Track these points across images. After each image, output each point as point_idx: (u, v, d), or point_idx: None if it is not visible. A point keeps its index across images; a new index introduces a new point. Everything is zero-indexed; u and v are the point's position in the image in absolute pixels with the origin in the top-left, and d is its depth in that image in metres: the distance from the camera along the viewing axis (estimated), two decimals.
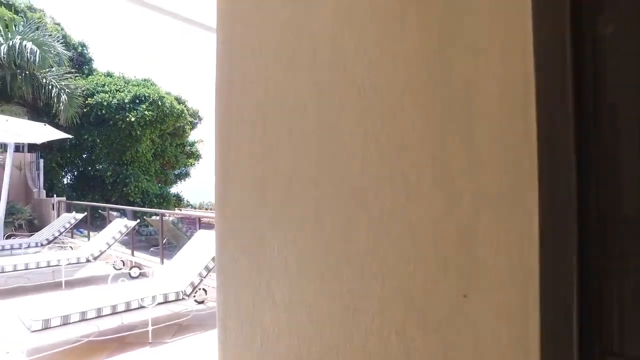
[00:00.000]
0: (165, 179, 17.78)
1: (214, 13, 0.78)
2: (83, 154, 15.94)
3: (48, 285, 6.47)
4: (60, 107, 12.33)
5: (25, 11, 13.89)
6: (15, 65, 11.68)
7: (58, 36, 13.81)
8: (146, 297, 4.31)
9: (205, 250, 4.94)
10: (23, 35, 11.62)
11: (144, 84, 16.25)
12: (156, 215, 9.50)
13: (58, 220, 9.08)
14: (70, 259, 6.57)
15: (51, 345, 4.08)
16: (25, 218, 10.93)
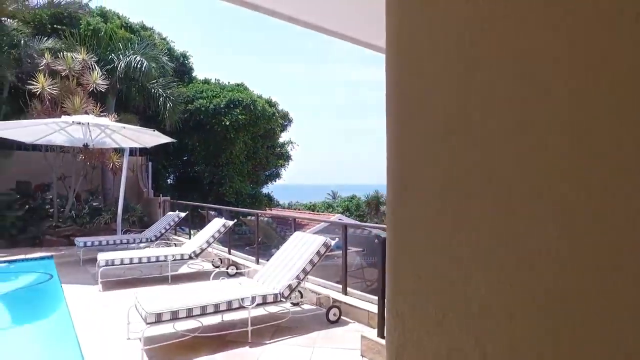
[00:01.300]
0: (257, 179, 18.56)
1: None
2: (184, 157, 17.24)
3: (157, 278, 7.00)
4: (165, 114, 13.41)
5: (139, 30, 15.35)
6: (130, 79, 12.93)
7: (164, 50, 15.07)
8: (246, 297, 4.40)
9: (302, 252, 4.94)
10: (136, 52, 12.83)
11: (238, 89, 17.12)
12: (251, 215, 9.86)
13: (164, 219, 9.83)
14: (175, 255, 7.02)
15: (162, 337, 4.33)
16: (137, 215, 12.04)
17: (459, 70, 0.58)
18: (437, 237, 0.57)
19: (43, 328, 5.74)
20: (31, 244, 10.20)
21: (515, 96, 0.52)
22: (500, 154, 0.52)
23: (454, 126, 0.57)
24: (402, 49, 0.66)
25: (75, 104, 10.58)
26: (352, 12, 2.06)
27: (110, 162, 11.86)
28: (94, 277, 6.87)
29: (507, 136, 0.52)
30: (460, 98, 0.57)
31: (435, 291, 0.56)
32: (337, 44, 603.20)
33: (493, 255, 0.52)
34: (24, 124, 8.61)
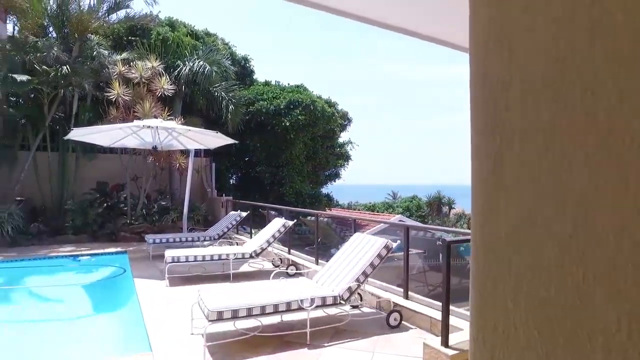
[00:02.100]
0: (317, 179, 18.65)
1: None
2: (245, 158, 17.72)
3: (219, 276, 7.18)
4: (228, 116, 13.85)
5: (203, 37, 16.01)
6: (195, 83, 13.50)
7: (226, 54, 15.58)
8: (305, 298, 4.35)
9: (363, 254, 4.81)
10: (200, 57, 13.37)
11: (297, 90, 17.30)
12: (311, 215, 9.88)
13: (226, 218, 10.13)
14: (237, 254, 7.18)
15: (223, 334, 4.40)
16: (202, 214, 12.54)
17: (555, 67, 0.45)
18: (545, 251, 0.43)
19: (117, 318, 6.09)
20: (108, 239, 10.96)
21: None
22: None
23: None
24: (494, 41, 0.55)
25: (146, 109, 11.21)
26: (427, 9, 1.92)
27: (177, 164, 12.45)
28: (161, 272, 7.20)
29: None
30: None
31: (541, 319, 0.43)
32: (399, 43, 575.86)
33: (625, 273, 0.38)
34: (102, 128, 9.25)
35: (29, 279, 8.20)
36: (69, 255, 9.29)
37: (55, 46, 11.27)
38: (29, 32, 11.71)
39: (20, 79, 10.30)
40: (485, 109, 0.55)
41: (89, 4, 12.40)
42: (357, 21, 1.98)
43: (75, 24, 11.80)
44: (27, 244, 10.22)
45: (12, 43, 11.29)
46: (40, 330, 5.68)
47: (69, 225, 10.92)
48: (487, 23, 0.56)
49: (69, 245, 10.30)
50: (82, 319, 6.14)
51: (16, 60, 10.94)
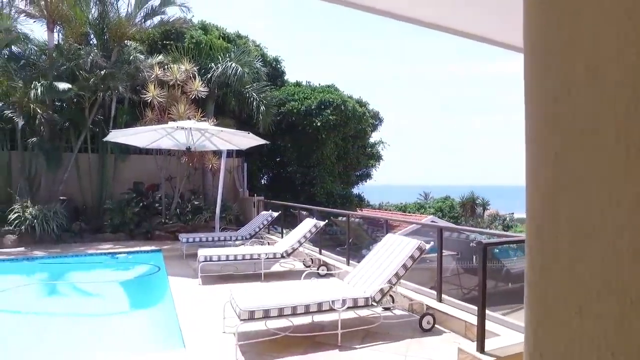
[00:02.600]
0: (348, 179, 18.56)
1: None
2: (277, 158, 17.84)
3: (251, 275, 7.24)
4: (259, 117, 13.98)
5: (235, 39, 16.24)
6: (227, 85, 13.71)
7: (257, 56, 15.74)
8: (336, 299, 4.31)
9: (395, 255, 4.72)
10: (231, 59, 13.57)
11: (328, 90, 17.28)
12: (342, 216, 9.84)
13: (258, 218, 10.22)
14: (268, 254, 7.22)
15: (255, 334, 4.42)
16: (234, 214, 12.71)
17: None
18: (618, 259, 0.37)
19: (151, 315, 6.25)
20: (144, 238, 11.29)
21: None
22: None
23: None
24: (554, 37, 0.50)
25: (180, 111, 11.47)
26: (478, 8, 1.84)
27: (209, 164, 12.68)
28: (194, 271, 7.33)
29: None
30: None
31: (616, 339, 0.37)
32: (434, 41, 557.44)
33: None
34: (138, 130, 9.53)
35: (71, 274, 8.54)
36: (108, 252, 9.62)
37: (95, 52, 11.72)
38: (72, 40, 12.23)
39: (62, 87, 10.75)
40: (545, 107, 0.49)
41: (126, 11, 12.86)
42: (405, 22, 1.92)
43: (114, 31, 12.23)
44: (70, 241, 10.66)
45: (58, 51, 11.81)
46: (81, 323, 5.89)
47: (108, 224, 11.32)
48: (545, 19, 0.51)
49: (108, 243, 10.68)
50: (119, 315, 6.33)
51: (61, 67, 11.43)
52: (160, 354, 4.38)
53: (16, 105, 11.11)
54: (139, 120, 11.74)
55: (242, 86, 13.76)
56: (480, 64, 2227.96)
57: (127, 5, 12.90)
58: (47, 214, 10.40)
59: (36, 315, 6.26)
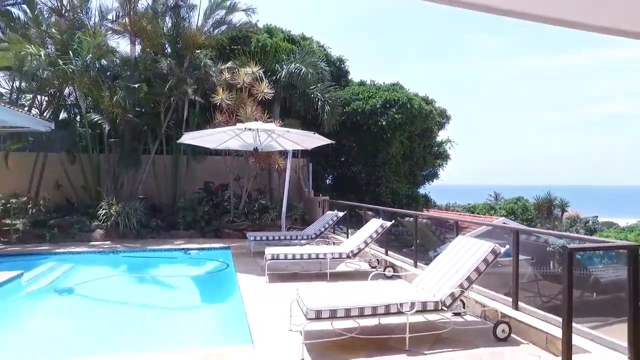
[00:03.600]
0: (414, 179, 18.12)
1: None
2: (341, 158, 17.83)
3: (316, 274, 7.26)
4: (324, 117, 14.05)
5: (299, 41, 16.48)
6: (292, 86, 13.94)
7: (322, 56, 15.83)
8: (405, 302, 4.17)
9: (467, 258, 4.48)
10: (296, 60, 13.77)
11: (393, 88, 16.98)
12: (409, 216, 9.59)
13: (323, 217, 10.25)
14: (334, 254, 7.19)
15: (321, 333, 4.40)
16: (299, 214, 12.88)
17: None
18: None
19: (221, 310, 6.48)
20: (214, 235, 11.79)
21: None
22: None
23: None
24: None
25: (247, 113, 11.84)
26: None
27: (275, 164, 12.95)
28: (261, 269, 7.49)
29: None
30: None
31: None
32: (502, 36, 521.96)
33: None
34: (208, 132, 9.96)
35: (149, 268, 9.12)
36: (181, 248, 10.16)
37: (169, 61, 12.46)
38: (150, 50, 13.11)
39: (135, 86, 11.57)
40: None
41: (197, 21, 13.56)
42: (517, 18, 1.76)
43: (186, 40, 12.93)
44: (148, 236, 11.42)
45: (138, 61, 12.71)
46: (155, 314, 6.25)
47: (181, 221, 11.96)
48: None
49: (181, 239, 11.28)
50: (191, 308, 6.63)
51: (140, 75, 12.30)
52: (230, 349, 4.51)
53: (104, 112, 12.11)
54: (209, 122, 12.28)
55: (307, 87, 13.92)
56: (554, 57, 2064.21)
57: (198, 15, 13.63)
58: (128, 211, 11.23)
59: (117, 305, 6.75)
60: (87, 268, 8.85)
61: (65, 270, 8.54)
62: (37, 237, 10.69)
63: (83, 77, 11.43)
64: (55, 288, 7.46)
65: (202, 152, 13.74)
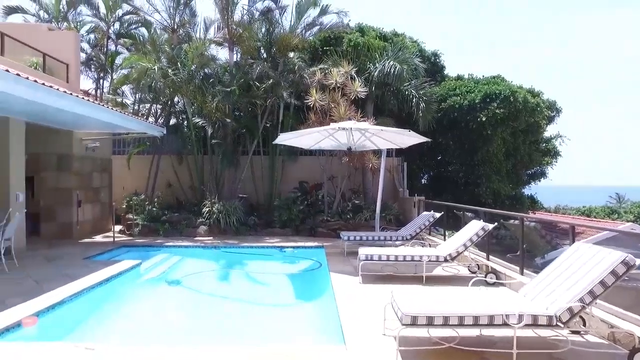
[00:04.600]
0: (518, 179, 16.69)
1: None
2: (437, 157, 17.07)
3: (411, 277, 6.95)
4: (419, 114, 13.54)
5: (391, 38, 16.13)
6: (385, 84, 13.66)
7: (415, 52, 15.28)
8: (512, 314, 3.73)
9: (588, 269, 3.88)
10: (389, 57, 13.45)
11: (494, 81, 15.81)
12: (514, 218, 8.79)
13: (419, 218, 9.84)
14: (431, 257, 6.81)
15: (416, 340, 4.14)
16: (394, 214, 12.55)
17: None
18: None
19: (314, 309, 6.49)
20: (308, 234, 11.98)
21: None
22: None
23: None
24: None
25: (340, 112, 11.84)
26: None
27: (369, 164, 12.79)
28: (355, 269, 7.38)
29: None
30: None
31: None
32: (621, 16, 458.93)
33: None
34: (303, 132, 10.13)
35: (246, 263, 9.54)
36: (276, 246, 10.48)
37: (263, 65, 12.98)
38: (247, 56, 13.81)
39: (229, 90, 12.24)
40: None
41: (290, 24, 13.93)
42: None
43: (280, 44, 13.36)
44: (246, 233, 12.00)
45: (236, 67, 13.47)
46: (248, 309, 6.45)
47: (277, 220, 12.37)
48: None
49: (276, 237, 11.65)
50: (284, 306, 6.75)
51: (238, 81, 12.99)
52: (322, 348, 4.45)
53: (206, 116, 13.01)
54: (303, 123, 12.53)
55: (400, 84, 13.54)
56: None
57: (290, 19, 14.01)
58: (228, 209, 11.92)
59: (215, 297, 7.12)
60: (192, 261, 9.54)
61: (174, 262, 9.30)
62: (153, 231, 11.83)
63: (189, 85, 12.40)
64: (165, 278, 8.14)
65: (297, 153, 14.14)
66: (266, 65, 13.01)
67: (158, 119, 14.41)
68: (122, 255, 9.34)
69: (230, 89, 12.23)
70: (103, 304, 6.34)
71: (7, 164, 9.24)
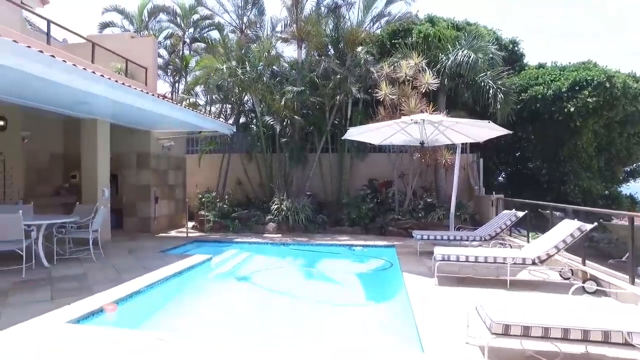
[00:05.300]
0: (612, 177, 14.94)
1: None
2: (516, 152, 15.79)
3: (492, 281, 6.33)
4: (497, 107, 12.56)
5: (464, 27, 15.19)
6: (458, 75, 12.84)
7: (491, 40, 14.23)
8: (636, 332, 3.11)
9: None
10: (462, 47, 12.62)
11: (584, 67, 14.26)
12: (618, 217, 7.75)
13: (499, 217, 9.04)
14: (516, 259, 6.13)
15: (507, 353, 3.64)
16: (469, 213, 11.75)
17: None
18: None
19: (386, 311, 6.09)
20: (378, 233, 11.57)
21: None
22: None
23: None
24: None
25: (411, 106, 11.29)
26: None
27: (442, 160, 12.09)
28: (429, 270, 6.89)
29: None
30: None
31: None
32: None
33: None
34: (372, 127, 9.73)
35: (314, 261, 9.36)
36: (345, 244, 10.19)
37: (329, 60, 12.76)
38: (314, 52, 13.68)
39: (297, 90, 12.13)
40: None
41: (357, 18, 13.61)
42: None
43: (347, 38, 13.07)
44: (314, 231, 11.84)
45: (303, 65, 13.40)
46: (316, 308, 6.21)
47: (345, 218, 12.08)
48: None
49: (345, 236, 11.36)
50: (354, 306, 6.43)
51: (305, 78, 12.91)
52: (397, 354, 4.07)
53: (275, 114, 13.07)
54: (372, 119, 12.14)
55: (475, 74, 12.66)
56: None
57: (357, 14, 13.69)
58: (297, 206, 11.85)
59: (283, 295, 6.97)
60: (261, 257, 9.54)
61: (243, 258, 9.36)
62: (224, 227, 12.08)
63: (257, 83, 12.52)
64: (235, 273, 8.17)
65: (366, 150, 13.78)
66: (333, 61, 12.79)
67: (228, 119, 14.77)
68: (194, 249, 9.57)
69: (301, 88, 12.17)
70: (174, 296, 6.47)
71: (95, 162, 9.91)
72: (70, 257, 7.81)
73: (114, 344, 3.91)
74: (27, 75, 6.04)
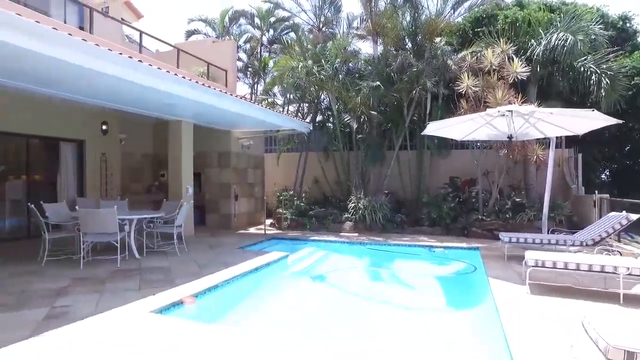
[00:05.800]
0: None
1: None
2: (625, 147, 13.96)
3: (599, 293, 5.51)
4: (600, 94, 11.14)
5: (559, 7, 13.76)
6: (552, 62, 11.62)
7: (594, 19, 12.67)
8: None
9: None
10: (558, 29, 11.37)
11: None
12: None
13: (605, 220, 7.94)
14: (632, 269, 5.26)
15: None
16: (565, 214, 10.57)
17: None
18: None
19: (470, 318, 5.58)
20: (460, 234, 10.84)
21: None
22: None
23: None
24: None
25: (497, 97, 10.41)
26: None
27: (533, 156, 11.04)
28: (520, 276, 6.23)
29: None
30: None
31: None
32: None
33: None
34: (454, 121, 9.06)
35: (391, 262, 8.98)
36: (425, 245, 9.66)
37: (405, 54, 12.22)
38: (391, 47, 13.22)
39: (374, 85, 11.76)
40: None
41: (436, 8, 12.90)
42: None
43: (425, 30, 12.43)
44: (392, 231, 11.43)
45: (380, 60, 13.02)
46: (392, 312, 5.87)
47: (425, 217, 11.51)
48: None
49: (424, 236, 10.81)
50: (435, 311, 5.99)
51: (381, 73, 12.52)
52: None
53: (351, 111, 12.86)
54: (454, 113, 11.41)
55: (573, 59, 11.34)
56: None
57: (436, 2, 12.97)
58: (374, 205, 11.53)
59: (358, 297, 6.71)
60: (337, 256, 9.37)
61: (319, 256, 9.27)
62: (301, 225, 12.14)
63: (333, 81, 12.38)
64: (310, 272, 8.09)
65: (447, 146, 13.07)
66: (409, 55, 12.23)
67: (305, 118, 14.85)
68: (272, 247, 9.69)
69: (376, 83, 11.83)
70: (251, 292, 6.53)
71: (180, 161, 10.48)
72: (158, 250, 8.30)
73: (191, 337, 3.95)
74: (125, 82, 6.67)
